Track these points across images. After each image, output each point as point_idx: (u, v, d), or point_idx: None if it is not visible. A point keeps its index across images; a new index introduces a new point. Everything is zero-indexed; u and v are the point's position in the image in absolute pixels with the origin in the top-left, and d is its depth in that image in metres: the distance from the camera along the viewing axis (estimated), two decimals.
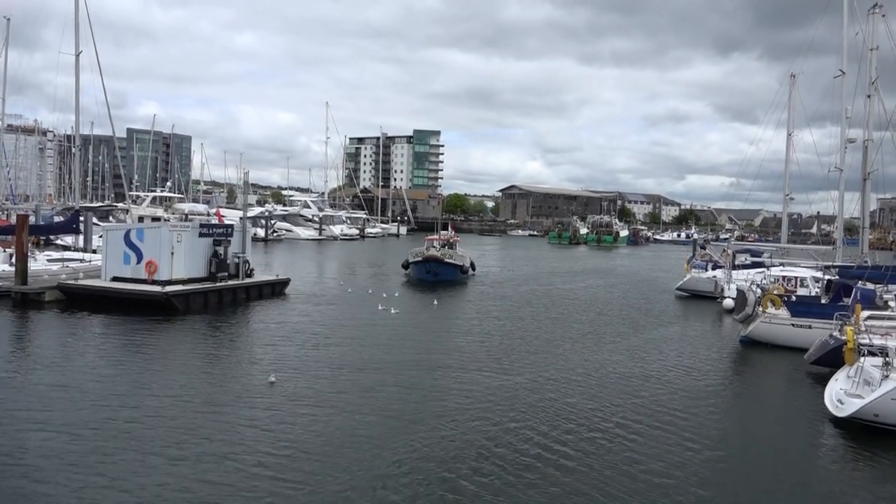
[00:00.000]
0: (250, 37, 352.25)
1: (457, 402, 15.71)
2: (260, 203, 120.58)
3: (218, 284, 29.06)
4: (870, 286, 24.57)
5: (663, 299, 38.51)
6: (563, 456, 12.38)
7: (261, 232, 76.66)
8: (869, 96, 34.25)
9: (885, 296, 24.11)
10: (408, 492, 10.57)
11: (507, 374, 18.60)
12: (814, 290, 29.75)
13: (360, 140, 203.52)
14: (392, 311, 28.34)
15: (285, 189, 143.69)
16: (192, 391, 15.78)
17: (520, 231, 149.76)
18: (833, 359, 18.48)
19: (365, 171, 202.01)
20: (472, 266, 45.59)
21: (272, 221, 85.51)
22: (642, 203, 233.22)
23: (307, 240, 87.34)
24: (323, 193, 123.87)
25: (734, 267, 36.95)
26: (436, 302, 32.03)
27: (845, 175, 36.23)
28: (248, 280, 31.11)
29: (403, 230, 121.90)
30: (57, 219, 44.33)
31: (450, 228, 53.86)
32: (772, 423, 15.88)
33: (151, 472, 11.08)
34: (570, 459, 12.23)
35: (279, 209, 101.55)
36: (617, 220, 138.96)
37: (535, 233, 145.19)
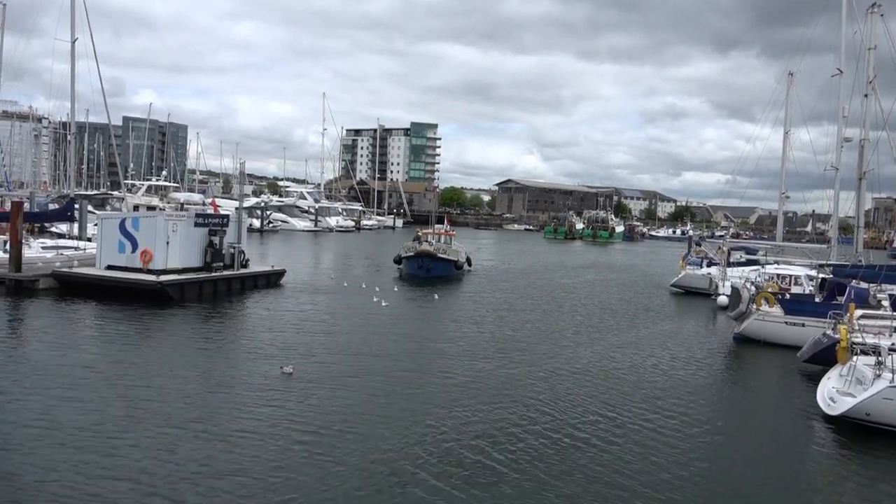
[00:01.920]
0: (248, 27, 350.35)
1: (465, 389, 16.22)
2: (256, 194, 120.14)
3: (213, 274, 29.00)
4: (864, 285, 24.63)
5: (658, 295, 38.59)
6: (558, 444, 12.48)
7: (256, 223, 76.37)
8: (866, 95, 34.26)
9: (878, 295, 24.18)
10: (432, 469, 10.67)
11: (511, 365, 18.97)
12: (808, 288, 29.82)
13: (357, 132, 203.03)
14: (383, 304, 28.35)
15: (281, 180, 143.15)
16: (201, 378, 16.02)
17: (515, 225, 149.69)
18: (826, 357, 18.53)
19: (361, 164, 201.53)
20: (468, 261, 44.83)
21: (268, 212, 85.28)
22: (638, 199, 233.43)
23: (303, 231, 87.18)
24: (319, 185, 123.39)
25: (729, 264, 37.02)
26: (436, 296, 32.04)
27: (841, 174, 36.33)
28: (243, 271, 31.04)
29: (399, 223, 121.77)
30: (52, 206, 44.11)
31: (445, 222, 53.58)
32: (764, 420, 15.95)
33: (180, 446, 11.66)
34: (564, 449, 12.32)
35: (275, 200, 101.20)
36: (613, 216, 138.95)
37: (531, 227, 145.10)
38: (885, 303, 23.12)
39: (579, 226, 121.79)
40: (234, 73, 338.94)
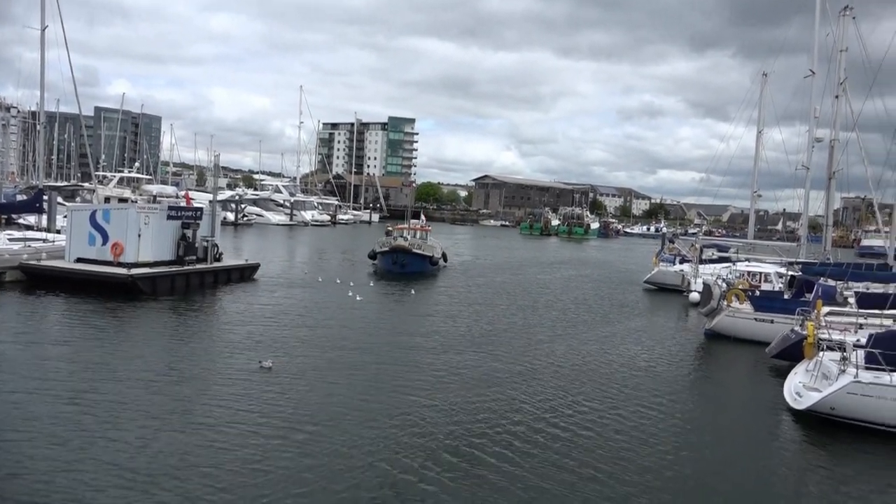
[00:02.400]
0: (226, 19, 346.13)
1: (442, 382, 16.36)
2: (230, 187, 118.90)
3: (186, 268, 28.66)
4: (831, 283, 25.10)
5: (632, 291, 38.97)
6: (533, 437, 12.59)
7: (230, 216, 75.61)
8: (837, 97, 34.92)
9: (845, 293, 24.67)
10: (409, 460, 10.66)
11: (487, 359, 19.08)
12: (777, 285, 30.32)
13: (334, 126, 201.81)
14: (358, 299, 28.29)
15: (257, 173, 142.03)
16: (177, 372, 15.92)
17: (492, 221, 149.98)
18: (793, 353, 18.88)
19: (338, 158, 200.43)
20: (444, 257, 44.65)
21: (242, 205, 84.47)
22: (614, 196, 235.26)
23: (278, 225, 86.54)
24: (295, 178, 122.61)
25: (701, 261, 37.52)
26: (413, 291, 32.02)
27: (812, 174, 37.00)
28: (216, 264, 30.73)
29: (375, 217, 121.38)
30: (20, 197, 43.25)
31: (421, 217, 53.44)
32: (732, 414, 16.23)
33: (158, 439, 11.60)
34: (540, 442, 12.43)
35: (250, 193, 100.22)
36: (588, 213, 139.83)
37: (507, 223, 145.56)
38: (852, 300, 23.59)
39: (555, 222, 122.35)
40: (210, 65, 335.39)
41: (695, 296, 31.03)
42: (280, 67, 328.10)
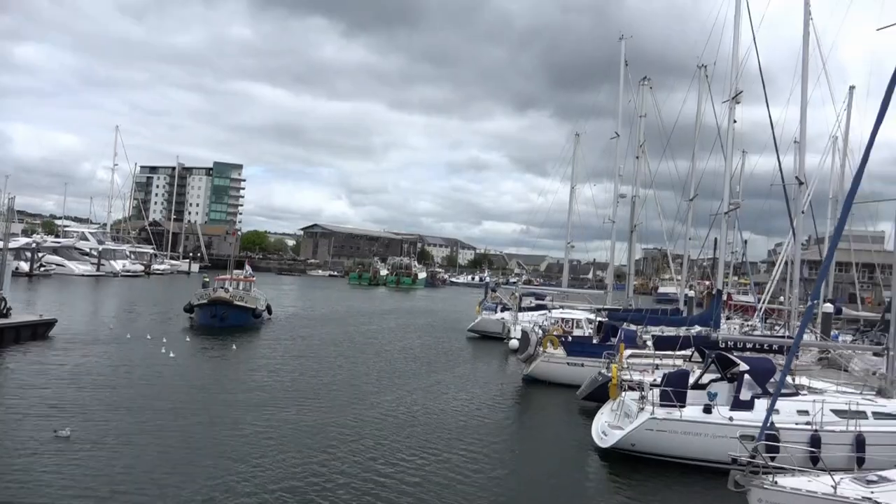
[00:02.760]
0: (32, 49, 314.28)
1: (266, 440, 15.71)
2: (27, 233, 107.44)
3: None
4: (632, 327, 27.45)
5: (456, 339, 39.97)
6: (362, 491, 12.42)
7: (25, 266, 68.14)
8: (637, 157, 39.21)
9: (644, 336, 27.08)
10: None
11: (314, 413, 18.59)
12: (587, 330, 32.54)
13: (153, 169, 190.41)
14: (171, 355, 26.46)
15: (60, 218, 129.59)
16: None
17: (320, 271, 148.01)
18: (600, 394, 20.27)
19: (156, 203, 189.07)
20: (269, 309, 43.35)
21: (40, 254, 76.45)
22: (441, 246, 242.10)
23: (82, 276, 79.13)
24: (105, 225, 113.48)
25: (520, 309, 39.48)
26: (234, 346, 30.50)
27: (617, 226, 40.77)
28: (2, 321, 27.34)
29: (195, 267, 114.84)
30: None
31: (247, 267, 51.45)
32: (545, 455, 16.99)
33: None
34: (368, 494, 12.27)
35: (50, 240, 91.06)
36: (416, 263, 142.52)
37: (336, 273, 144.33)
38: (650, 343, 25.92)
39: (383, 272, 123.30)
40: (10, 99, 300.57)
41: (514, 343, 32.35)
42: (94, 104, 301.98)
